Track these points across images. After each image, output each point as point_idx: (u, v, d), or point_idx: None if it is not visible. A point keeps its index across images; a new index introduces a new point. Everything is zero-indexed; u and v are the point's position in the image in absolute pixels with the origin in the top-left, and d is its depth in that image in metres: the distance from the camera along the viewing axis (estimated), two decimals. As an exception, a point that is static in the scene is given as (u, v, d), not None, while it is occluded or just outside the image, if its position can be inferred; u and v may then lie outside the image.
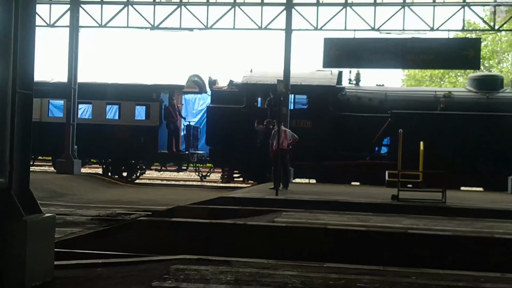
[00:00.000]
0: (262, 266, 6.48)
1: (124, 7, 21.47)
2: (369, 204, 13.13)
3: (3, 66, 5.32)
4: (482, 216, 12.17)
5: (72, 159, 21.32)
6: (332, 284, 5.78)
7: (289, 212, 11.49)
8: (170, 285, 5.53)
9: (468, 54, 19.70)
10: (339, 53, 20.08)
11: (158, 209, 12.02)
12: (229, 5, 20.85)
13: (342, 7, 20.30)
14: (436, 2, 19.95)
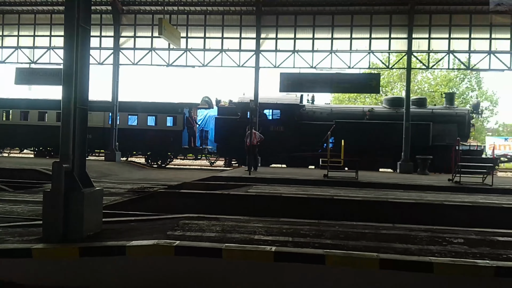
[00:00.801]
0: (240, 221, 6.46)
1: (149, 51, 21.39)
2: (309, 180, 13.16)
3: (68, 90, 5.32)
4: (381, 187, 12.30)
5: (115, 151, 21.21)
6: (285, 232, 5.78)
7: (257, 186, 11.50)
8: (179, 233, 5.51)
9: (372, 84, 19.87)
10: (290, 82, 20.13)
11: (172, 184, 11.93)
12: (218, 51, 20.87)
13: (291, 53, 20.39)
14: (352, 50, 20.10)
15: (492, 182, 12.87)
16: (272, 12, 20.50)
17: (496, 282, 4.41)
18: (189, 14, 21.00)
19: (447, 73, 41.26)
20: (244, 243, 5.04)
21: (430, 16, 19.58)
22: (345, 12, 19.98)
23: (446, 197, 10.12)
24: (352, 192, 10.70)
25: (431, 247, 5.23)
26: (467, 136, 21.89)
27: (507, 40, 19.26)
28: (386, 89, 41.14)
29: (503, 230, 6.35)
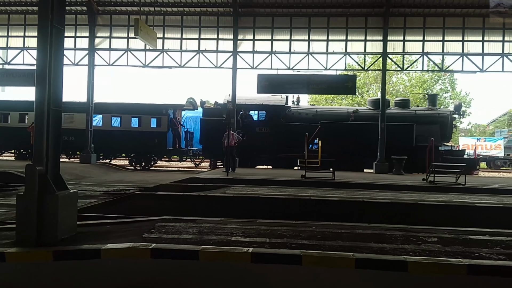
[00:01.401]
0: (217, 222, 6.44)
1: (125, 52, 21.17)
2: (287, 181, 13.22)
3: (42, 91, 5.24)
4: (357, 187, 12.42)
5: (90, 153, 20.90)
6: (262, 233, 5.79)
7: (235, 187, 11.49)
8: (155, 236, 5.47)
9: (348, 85, 20.02)
10: (267, 83, 20.13)
11: (148, 186, 11.83)
12: (195, 52, 20.79)
13: (269, 54, 20.44)
14: (328, 52, 20.27)
15: (465, 182, 13.14)
16: (249, 14, 20.52)
17: (468, 280, 4.50)
18: (166, 15, 20.87)
19: (421, 74, 41.96)
20: (221, 245, 5.03)
21: (404, 18, 19.88)
22: (321, 14, 20.14)
23: (420, 197, 10.30)
24: (329, 192, 10.78)
25: (406, 246, 5.31)
26: (449, 136, 22.36)
27: (479, 42, 19.69)
28: (362, 90, 41.61)
29: (475, 229, 6.49)
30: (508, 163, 32.08)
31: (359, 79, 38.70)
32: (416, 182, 13.75)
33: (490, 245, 5.46)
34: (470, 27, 19.67)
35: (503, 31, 19.53)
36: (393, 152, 18.57)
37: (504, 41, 19.58)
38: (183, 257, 4.73)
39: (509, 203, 9.60)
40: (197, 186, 11.42)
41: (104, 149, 22.18)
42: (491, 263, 4.66)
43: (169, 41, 21.06)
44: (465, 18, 19.63)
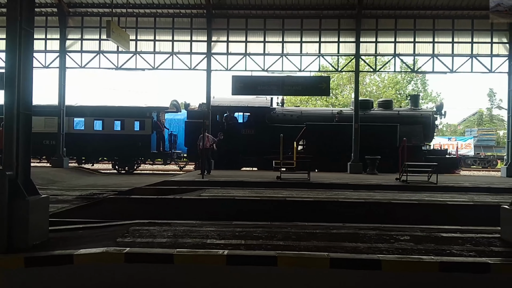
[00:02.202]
0: (192, 225, 6.42)
1: (97, 54, 20.89)
2: (262, 182, 13.26)
3: (11, 94, 5.16)
4: (332, 187, 12.54)
5: (62, 157, 20.52)
6: (238, 235, 5.80)
7: (210, 189, 11.46)
8: (129, 240, 5.42)
9: (322, 86, 20.24)
10: (242, 85, 20.16)
11: (122, 190, 11.69)
12: (169, 53, 20.65)
13: (243, 56, 20.46)
14: (302, 53, 20.42)
15: (437, 181, 13.41)
16: (223, 15, 20.51)
17: (440, 277, 4.60)
18: (138, 16, 20.67)
19: (394, 75, 42.63)
20: (196, 248, 5.02)
21: (376, 20, 20.17)
22: (295, 16, 20.27)
23: (393, 196, 10.47)
24: (304, 193, 10.85)
25: (379, 244, 5.39)
26: (431, 136, 22.81)
27: (449, 44, 20.12)
28: (336, 92, 42.05)
29: (446, 227, 6.64)
30: (478, 161, 32.87)
31: (333, 81, 39.13)
32: (389, 182, 13.97)
33: (461, 242, 5.59)
34: (440, 29, 20.09)
35: (471, 33, 20.02)
36: (377, 152, 18.71)
37: (472, 43, 20.06)
38: (158, 261, 4.71)
39: (479, 201, 9.85)
40: (172, 189, 11.34)
41: (87, 153, 21.86)
42: (462, 259, 4.78)
43: (142, 43, 20.87)
44: (435, 20, 20.04)
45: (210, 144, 16.87)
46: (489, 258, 4.76)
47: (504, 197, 9.89)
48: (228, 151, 20.89)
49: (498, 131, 44.38)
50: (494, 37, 20.08)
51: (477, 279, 4.57)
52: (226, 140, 20.90)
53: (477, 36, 20.13)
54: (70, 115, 21.66)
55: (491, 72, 20.32)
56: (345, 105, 38.59)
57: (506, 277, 4.56)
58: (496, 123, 51.15)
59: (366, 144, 19.52)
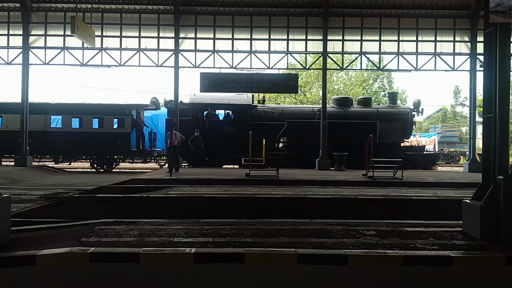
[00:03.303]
0: (159, 224, 6.34)
1: (61, 50, 20.38)
2: (231, 180, 13.23)
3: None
4: (300, 184, 12.63)
5: (25, 156, 19.94)
6: (205, 233, 5.76)
7: (178, 187, 11.36)
8: (94, 240, 5.31)
9: (290, 84, 20.34)
10: (210, 82, 20.06)
11: (88, 188, 11.45)
12: (135, 50, 20.35)
13: (211, 53, 20.35)
14: (270, 51, 20.45)
15: (402, 176, 13.68)
16: (191, 12, 20.34)
17: (404, 270, 4.69)
18: (104, 12, 20.28)
19: (360, 73, 43.27)
20: (163, 246, 4.96)
21: (343, 19, 20.38)
22: (263, 13, 20.28)
23: (360, 191, 10.62)
24: (273, 190, 10.88)
25: (345, 240, 5.45)
26: (409, 133, 23.28)
27: (413, 42, 20.53)
28: (304, 89, 42.38)
29: (411, 221, 6.78)
30: (442, 157, 33.73)
31: (301, 78, 39.43)
32: (356, 178, 14.16)
33: (424, 236, 5.71)
34: (404, 28, 20.47)
35: (435, 32, 20.47)
36: (358, 149, 18.56)
37: (436, 41, 20.53)
38: (124, 260, 4.63)
39: (442, 195, 10.09)
40: (140, 187, 11.19)
41: (64, 151, 21.37)
42: (425, 253, 4.88)
43: (108, 39, 20.48)
44: (400, 19, 20.40)
45: (178, 141, 16.74)
46: (451, 252, 4.88)
47: (466, 192, 10.16)
48: (209, 149, 20.80)
49: (461, 127, 45.63)
50: (457, 36, 20.61)
51: (439, 272, 4.67)
52: (208, 137, 20.83)
53: (441, 35, 20.62)
54: (47, 113, 21.24)
55: (453, 70, 20.84)
56: (313, 102, 38.96)
57: (467, 270, 4.68)
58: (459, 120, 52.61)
59: (347, 141, 19.72)
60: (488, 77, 5.80)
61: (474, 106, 20.77)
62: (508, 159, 5.72)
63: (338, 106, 22.74)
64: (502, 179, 5.36)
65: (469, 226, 5.88)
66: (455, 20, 20.48)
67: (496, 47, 5.63)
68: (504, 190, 5.34)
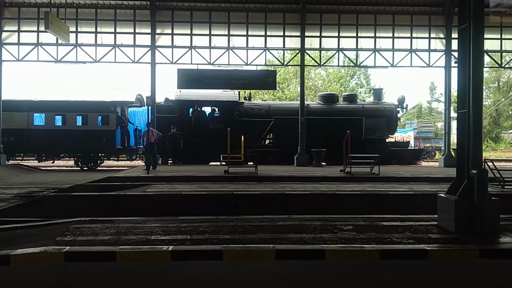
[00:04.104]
0: (136, 222, 6.28)
1: (35, 47, 19.97)
2: (209, 177, 13.17)
3: None
4: (279, 180, 12.66)
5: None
6: (183, 230, 5.73)
7: (156, 184, 11.27)
8: (69, 238, 5.24)
9: (269, 80, 20.40)
10: (188, 79, 19.96)
11: (63, 187, 11.25)
12: (111, 46, 20.07)
13: (188, 49, 20.21)
14: (248, 47, 20.42)
15: (379, 172, 13.84)
16: (167, 8, 20.15)
17: (381, 264, 4.75)
18: (79, 7, 19.93)
19: (338, 70, 43.56)
20: (140, 245, 4.92)
21: (320, 15, 20.47)
22: (240, 9, 20.22)
23: (338, 187, 10.70)
24: (251, 186, 10.89)
25: (323, 235, 5.49)
26: (394, 129, 23.51)
27: (389, 38, 20.76)
28: (283, 86, 42.47)
29: (387, 216, 6.86)
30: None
31: (279, 75, 39.48)
32: (334, 173, 14.27)
33: (400, 230, 5.79)
34: (381, 24, 20.67)
35: (411, 28, 20.73)
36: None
37: (412, 38, 20.79)
38: (100, 259, 4.57)
39: (418, 190, 10.25)
40: (117, 185, 11.05)
41: (47, 149, 20.90)
42: (401, 247, 4.95)
43: (83, 35, 20.15)
44: (376, 16, 20.60)
45: (155, 138, 16.61)
46: (427, 245, 4.96)
47: (441, 186, 10.33)
48: (196, 145, 20.68)
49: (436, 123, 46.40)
50: (432, 33, 20.91)
51: (415, 265, 4.75)
52: (194, 134, 20.70)
53: (416, 32, 20.89)
54: (30, 110, 20.79)
55: (429, 67, 21.15)
56: (292, 99, 39.09)
57: (442, 263, 4.77)
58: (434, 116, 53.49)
59: (333, 138, 19.76)
60: (462, 73, 5.90)
61: (449, 102, 21.14)
62: (482, 154, 5.83)
63: (324, 102, 22.87)
64: (475, 173, 5.46)
65: (444, 219, 5.98)
66: (430, 17, 20.78)
67: (469, 43, 5.72)
68: (477, 184, 5.44)
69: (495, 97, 54.50)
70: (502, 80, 55.07)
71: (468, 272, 4.78)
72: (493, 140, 52.48)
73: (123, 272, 4.58)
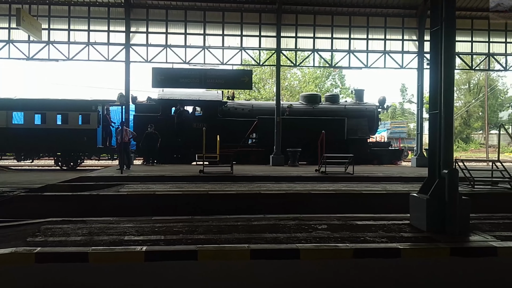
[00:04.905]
0: (109, 222, 6.18)
1: (6, 44, 19.55)
2: (184, 176, 13.09)
3: None
4: (255, 180, 12.66)
5: (-33, 154, 19.08)
6: (157, 230, 5.67)
7: (129, 184, 11.13)
8: (40, 239, 5.12)
9: (244, 80, 20.44)
10: (163, 77, 19.83)
11: (34, 187, 11.01)
12: (84, 44, 19.78)
13: (163, 48, 20.06)
14: (224, 46, 20.37)
15: (353, 171, 13.98)
16: (142, 6, 19.96)
17: (355, 263, 4.79)
18: (51, 4, 19.58)
19: (313, 70, 43.85)
20: (113, 245, 4.84)
21: (296, 16, 20.59)
22: (216, 8, 20.17)
23: (312, 186, 10.77)
24: (227, 186, 10.85)
25: (298, 234, 5.51)
26: (375, 129, 23.85)
27: (364, 40, 21.02)
28: (258, 86, 42.55)
29: (361, 215, 6.93)
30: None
31: (255, 74, 39.54)
32: (309, 173, 14.36)
33: (374, 229, 5.85)
34: (356, 26, 20.93)
35: (384, 30, 21.05)
36: (327, 146, 18.82)
37: (385, 40, 21.11)
38: (71, 260, 4.48)
39: (391, 189, 10.39)
40: (89, 185, 10.87)
41: (27, 148, 20.41)
42: (375, 246, 5.00)
43: (56, 32, 19.81)
44: (351, 17, 20.84)
45: (129, 138, 16.44)
46: (399, 244, 5.02)
47: (413, 186, 10.50)
48: (179, 145, 20.49)
49: (409, 123, 47.17)
50: (405, 35, 21.27)
51: (388, 264, 4.80)
52: (177, 134, 20.51)
53: (390, 34, 21.22)
54: (8, 108, 20.30)
55: (402, 68, 21.51)
56: (267, 99, 39.18)
57: (414, 261, 4.84)
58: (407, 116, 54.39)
59: (316, 138, 19.83)
60: (434, 75, 6.00)
61: (421, 103, 21.52)
62: (453, 154, 5.94)
63: (307, 102, 23.07)
64: (446, 173, 5.55)
65: (416, 218, 6.07)
66: (403, 19, 21.13)
67: (441, 46, 5.82)
68: (448, 184, 5.53)
69: (466, 98, 55.78)
70: (472, 82, 56.41)
71: (439, 270, 4.87)
72: (464, 140, 53.71)
73: (96, 273, 4.50)
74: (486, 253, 4.92)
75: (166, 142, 20.08)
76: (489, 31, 21.53)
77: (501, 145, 18.70)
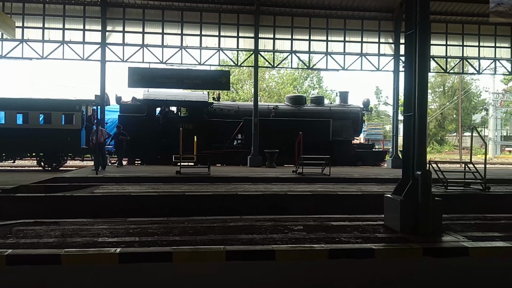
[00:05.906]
0: (83, 224, 6.10)
1: (-22, 41, 19.12)
2: (161, 177, 12.99)
3: None
4: (232, 181, 12.64)
5: None
6: (132, 232, 5.62)
7: (105, 185, 10.99)
8: (12, 241, 5.03)
9: (222, 80, 20.42)
10: (139, 77, 19.66)
11: (7, 187, 10.77)
12: (59, 42, 19.46)
13: (140, 47, 19.89)
14: (202, 47, 20.31)
15: (330, 172, 14.09)
16: (119, 5, 19.74)
17: (330, 263, 4.83)
18: (26, 2, 19.19)
19: (291, 72, 44.05)
20: (86, 247, 4.78)
21: (274, 17, 20.65)
22: (194, 9, 20.08)
23: (289, 188, 10.81)
24: (204, 187, 10.81)
25: (274, 235, 5.53)
26: (360, 131, 24.09)
27: (341, 42, 21.22)
28: (236, 86, 42.52)
29: (336, 216, 7.00)
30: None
31: (233, 75, 39.51)
32: (286, 174, 14.41)
33: (349, 230, 5.91)
34: (333, 28, 21.11)
35: (361, 33, 21.28)
36: (312, 147, 18.51)
37: (362, 42, 21.35)
38: (44, 262, 4.41)
39: (366, 190, 10.51)
40: (63, 186, 10.70)
41: (8, 149, 19.86)
42: (349, 246, 5.06)
43: (30, 30, 19.44)
44: (328, 19, 21.00)
45: (104, 138, 16.25)
46: (373, 244, 5.09)
47: (388, 187, 10.63)
48: (164, 146, 20.27)
49: (385, 126, 47.78)
50: (382, 38, 21.55)
51: (362, 264, 4.86)
52: (162, 134, 20.31)
53: (367, 36, 21.47)
54: None
55: (378, 70, 21.78)
56: (245, 100, 39.18)
57: (388, 261, 4.91)
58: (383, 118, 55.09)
59: (304, 139, 19.89)
60: (409, 78, 6.10)
61: (397, 105, 21.80)
62: (426, 156, 6.04)
63: (292, 104, 23.19)
64: (420, 174, 5.65)
65: (390, 219, 6.16)
66: (380, 22, 21.40)
67: (415, 49, 5.92)
68: (421, 185, 5.63)
69: (440, 101, 56.80)
70: (447, 85, 57.48)
71: (412, 270, 4.95)
72: (438, 142, 54.69)
73: (68, 276, 4.44)
74: (458, 253, 5.02)
75: (151, 143, 19.93)
76: (463, 35, 21.98)
77: (473, 147, 19.10)
